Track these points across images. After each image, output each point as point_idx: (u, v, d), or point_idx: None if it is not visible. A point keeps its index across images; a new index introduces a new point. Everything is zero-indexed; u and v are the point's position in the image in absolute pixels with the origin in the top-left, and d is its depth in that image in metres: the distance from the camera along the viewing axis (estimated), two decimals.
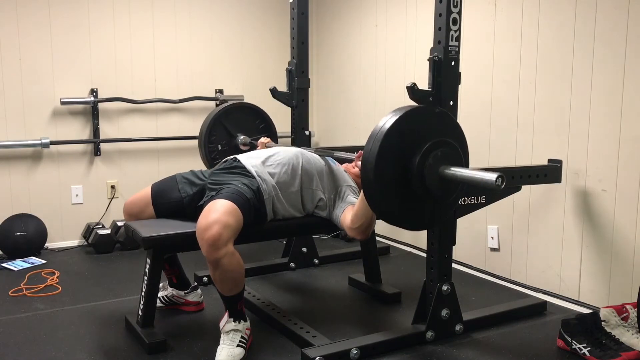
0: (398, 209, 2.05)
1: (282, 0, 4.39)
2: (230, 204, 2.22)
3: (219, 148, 3.27)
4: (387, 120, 1.98)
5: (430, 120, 2.07)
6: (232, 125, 3.31)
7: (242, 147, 3.30)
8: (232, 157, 2.60)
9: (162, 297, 2.74)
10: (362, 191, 2.14)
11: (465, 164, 2.13)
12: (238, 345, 2.21)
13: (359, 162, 2.27)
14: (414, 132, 2.01)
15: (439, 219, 2.19)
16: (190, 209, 2.48)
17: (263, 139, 3.13)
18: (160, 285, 2.61)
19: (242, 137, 3.30)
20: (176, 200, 2.53)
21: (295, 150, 2.63)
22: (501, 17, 3.06)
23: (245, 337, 2.26)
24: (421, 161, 1.99)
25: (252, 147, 3.22)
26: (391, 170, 1.98)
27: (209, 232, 2.10)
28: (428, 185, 2.00)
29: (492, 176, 1.85)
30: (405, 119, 1.99)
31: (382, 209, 2.06)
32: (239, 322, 2.25)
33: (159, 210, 2.55)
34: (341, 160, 2.72)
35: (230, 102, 3.40)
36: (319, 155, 2.68)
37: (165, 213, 2.54)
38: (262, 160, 2.52)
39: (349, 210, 2.42)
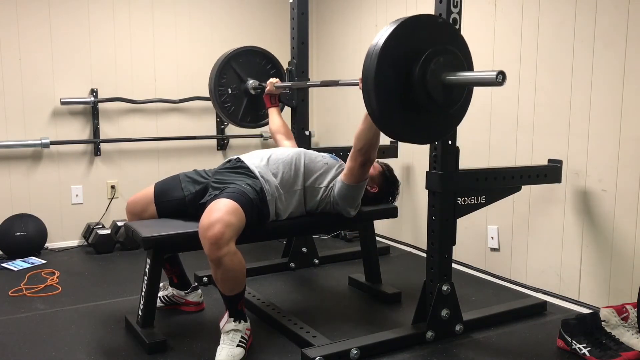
0: (401, 120, 1.98)
1: (282, 0, 4.39)
2: (233, 203, 2.22)
3: (229, 91, 3.26)
4: (386, 29, 1.93)
5: (433, 29, 2.02)
6: (242, 68, 3.30)
7: (251, 92, 3.30)
8: (235, 157, 2.60)
9: (163, 297, 2.74)
10: (366, 112, 2.11)
11: (468, 70, 2.08)
12: (238, 345, 2.21)
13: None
14: (415, 40, 1.95)
15: (443, 131, 2.15)
16: (193, 207, 2.48)
17: (272, 79, 3.14)
18: (161, 285, 2.61)
19: (251, 81, 3.29)
20: (179, 198, 2.54)
21: (298, 149, 2.65)
22: (501, 17, 3.06)
23: (246, 337, 2.26)
24: (422, 69, 1.93)
25: (262, 90, 3.23)
26: (392, 78, 1.92)
27: (212, 231, 2.10)
28: (430, 93, 1.94)
29: (492, 73, 1.85)
30: (406, 27, 1.94)
31: (387, 123, 1.98)
32: (239, 322, 2.25)
33: (161, 209, 2.55)
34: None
35: (240, 47, 3.36)
36: (322, 153, 2.70)
37: (167, 212, 2.54)
38: (265, 161, 2.52)
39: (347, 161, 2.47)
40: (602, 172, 2.62)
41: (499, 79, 1.84)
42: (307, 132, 3.28)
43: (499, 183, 2.50)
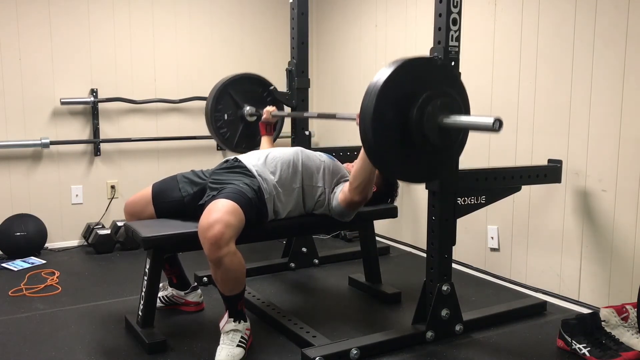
0: (399, 160, 2.02)
1: (282, 0, 4.39)
2: (232, 203, 2.22)
3: (225, 118, 3.26)
4: (384, 71, 1.95)
5: (430, 71, 2.04)
6: (239, 95, 3.30)
7: (248, 118, 3.30)
8: (232, 157, 2.60)
9: (162, 297, 2.74)
10: (362, 149, 2.13)
11: (465, 114, 2.10)
12: (238, 345, 2.21)
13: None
14: (413, 82, 1.98)
15: (440, 171, 2.17)
16: (191, 208, 2.48)
17: (269, 107, 3.14)
18: (161, 285, 2.61)
19: (248, 107, 3.29)
20: (177, 199, 2.53)
21: (295, 148, 2.65)
22: (501, 17, 3.06)
23: (245, 337, 2.26)
24: (419, 111, 1.95)
25: (259, 117, 3.23)
26: (390, 120, 1.95)
27: (211, 232, 2.10)
28: (427, 135, 1.97)
29: (489, 119, 1.85)
30: (404, 69, 1.96)
31: (383, 162, 2.02)
32: (239, 322, 2.25)
33: (160, 210, 2.55)
34: (339, 162, 2.72)
35: (237, 73, 3.37)
36: (319, 152, 2.69)
37: (165, 213, 2.54)
38: (263, 160, 2.52)
39: (347, 183, 2.46)
40: (602, 172, 2.62)
41: (496, 126, 1.85)
42: (307, 132, 3.28)
43: (499, 183, 2.51)
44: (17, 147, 3.69)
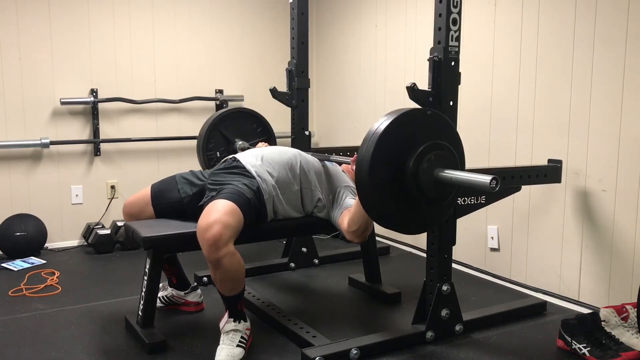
0: (394, 212, 2.05)
1: (282, 0, 4.39)
2: (230, 204, 2.22)
3: (218, 155, 3.25)
4: (380, 124, 1.98)
5: (424, 123, 2.06)
6: (229, 131, 3.29)
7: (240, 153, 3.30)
8: (231, 157, 2.60)
9: (162, 297, 2.74)
10: (358, 197, 2.14)
11: (461, 166, 2.12)
12: (238, 345, 2.21)
13: (355, 167, 2.27)
14: (407, 134, 2.00)
15: (436, 221, 2.19)
16: (190, 209, 2.48)
17: (261, 144, 3.13)
18: (160, 285, 2.61)
19: (240, 142, 3.28)
20: (176, 200, 2.53)
21: (294, 150, 2.64)
22: (501, 17, 3.06)
23: (245, 337, 2.26)
24: (415, 164, 1.98)
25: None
26: (386, 173, 1.98)
27: (210, 232, 2.10)
28: (423, 188, 2.00)
29: (486, 179, 1.86)
30: (398, 122, 1.98)
31: (378, 213, 2.06)
32: (239, 322, 2.25)
33: (159, 211, 2.54)
34: (339, 165, 2.72)
35: (226, 109, 3.38)
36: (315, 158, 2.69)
37: (164, 213, 2.54)
38: (262, 161, 2.52)
39: (347, 213, 2.42)
40: (602, 172, 2.62)
41: (493, 184, 1.85)
42: (307, 132, 3.28)
43: (499, 183, 2.50)
44: (17, 147, 3.69)
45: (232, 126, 3.31)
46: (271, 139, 3.34)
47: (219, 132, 3.28)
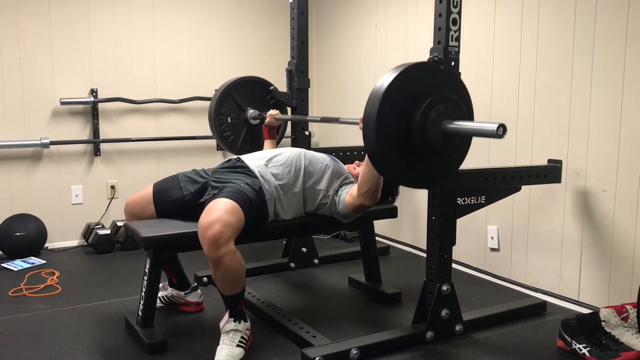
0: (403, 167, 2.03)
1: (282, 0, 4.39)
2: (232, 202, 2.22)
3: (229, 120, 3.28)
4: (387, 77, 1.95)
5: (433, 76, 2.05)
6: (242, 98, 3.32)
7: (251, 121, 3.32)
8: (235, 156, 2.60)
9: (162, 297, 2.74)
10: (367, 155, 2.15)
11: (469, 118, 2.11)
12: (238, 345, 2.21)
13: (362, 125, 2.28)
14: (415, 87, 1.98)
15: (445, 176, 2.18)
16: (192, 207, 2.48)
17: (272, 111, 3.14)
18: (160, 285, 2.61)
19: (251, 111, 3.31)
20: (178, 198, 2.53)
21: (299, 150, 2.64)
22: (501, 17, 3.06)
23: (245, 337, 2.26)
24: (423, 116, 1.96)
25: (262, 120, 3.23)
26: (393, 128, 1.96)
27: (211, 231, 2.10)
28: (430, 141, 1.98)
29: (492, 126, 1.86)
30: (407, 74, 1.96)
31: (386, 167, 2.03)
32: (239, 322, 2.25)
33: (160, 209, 2.55)
34: (341, 163, 2.72)
35: (241, 76, 3.39)
36: (321, 153, 2.70)
37: (166, 212, 2.54)
38: (265, 161, 2.52)
39: (354, 186, 2.46)
40: (602, 172, 2.62)
41: (500, 131, 1.85)
42: (307, 132, 3.28)
43: (499, 183, 2.51)
44: (17, 147, 3.69)
45: (246, 94, 3.33)
46: (282, 109, 3.32)
47: (232, 98, 3.30)
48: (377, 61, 3.96)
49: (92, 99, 3.85)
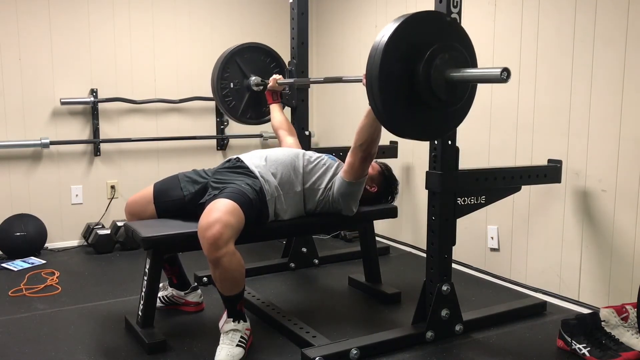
0: (404, 116, 1.99)
1: (282, 0, 4.39)
2: (232, 203, 2.22)
3: (231, 86, 3.30)
4: (394, 23, 1.93)
5: (437, 25, 2.02)
6: (246, 64, 3.34)
7: (254, 88, 3.33)
8: (235, 157, 2.60)
9: (162, 297, 2.74)
10: (368, 110, 2.19)
11: (472, 66, 2.08)
12: (237, 345, 2.21)
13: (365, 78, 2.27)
14: (420, 36, 1.95)
15: (445, 128, 2.16)
16: (192, 206, 2.48)
17: (275, 76, 3.16)
18: (160, 285, 2.61)
19: (254, 77, 3.32)
20: (178, 198, 2.53)
21: (297, 150, 2.65)
22: (501, 17, 3.06)
23: (245, 337, 2.26)
24: (427, 64, 1.93)
25: (264, 87, 3.25)
26: (396, 74, 1.93)
27: (210, 231, 2.10)
28: (434, 88, 1.94)
29: (496, 70, 1.85)
30: (409, 24, 1.94)
31: (388, 116, 1.98)
32: (239, 322, 2.25)
33: (161, 209, 2.55)
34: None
35: (246, 42, 3.42)
36: (320, 155, 2.70)
37: (166, 212, 2.54)
38: (265, 161, 2.52)
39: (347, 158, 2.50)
40: (602, 172, 2.62)
41: (504, 75, 1.84)
42: (307, 132, 3.28)
43: (499, 183, 2.51)
44: (17, 147, 3.69)
45: (250, 60, 3.35)
46: (284, 76, 3.30)
47: (236, 63, 3.31)
48: None
49: (92, 99, 3.85)
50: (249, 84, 3.33)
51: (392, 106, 1.95)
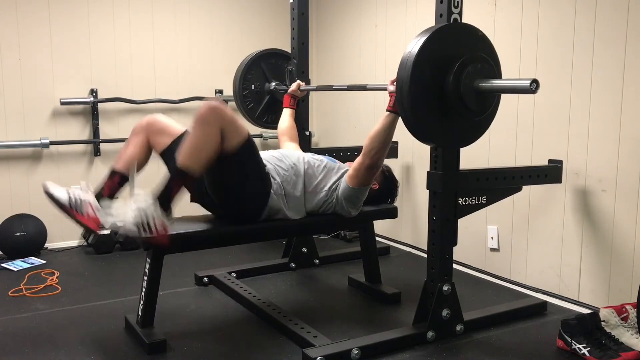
0: (432, 124, 2.10)
1: (282, 0, 4.39)
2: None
3: (252, 88, 3.37)
4: (422, 36, 2.01)
5: (465, 37, 2.11)
6: (269, 68, 3.40)
7: (275, 93, 3.39)
8: None
9: (71, 196, 2.46)
10: (386, 115, 2.28)
11: (498, 76, 2.18)
12: (134, 223, 2.02)
13: (391, 87, 2.32)
14: (450, 46, 2.05)
15: (472, 137, 2.25)
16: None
17: (299, 81, 3.17)
18: (83, 184, 2.39)
19: (274, 83, 3.38)
20: None
21: (297, 154, 2.65)
22: (501, 17, 3.06)
23: (151, 225, 2.02)
24: (457, 74, 2.02)
25: (284, 92, 3.27)
26: (427, 84, 2.02)
27: (215, 103, 2.14)
28: (463, 98, 2.03)
29: (525, 82, 1.93)
30: (440, 34, 2.03)
31: (417, 124, 2.08)
32: (161, 209, 2.05)
33: (166, 156, 2.46)
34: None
35: (272, 48, 3.49)
36: (320, 156, 2.70)
37: (170, 160, 2.38)
38: (270, 163, 2.53)
39: (353, 163, 2.52)
40: (602, 172, 2.62)
41: (533, 87, 1.92)
42: (307, 133, 3.28)
43: (500, 183, 2.51)
44: (17, 147, 3.69)
45: (274, 65, 3.42)
46: (307, 82, 3.32)
47: (260, 67, 3.37)
48: (377, 61, 3.96)
49: (92, 99, 3.85)
50: (270, 88, 3.39)
51: (422, 116, 2.05)
